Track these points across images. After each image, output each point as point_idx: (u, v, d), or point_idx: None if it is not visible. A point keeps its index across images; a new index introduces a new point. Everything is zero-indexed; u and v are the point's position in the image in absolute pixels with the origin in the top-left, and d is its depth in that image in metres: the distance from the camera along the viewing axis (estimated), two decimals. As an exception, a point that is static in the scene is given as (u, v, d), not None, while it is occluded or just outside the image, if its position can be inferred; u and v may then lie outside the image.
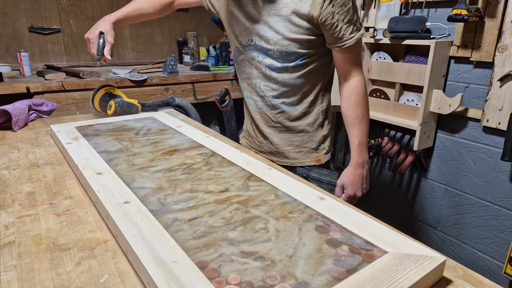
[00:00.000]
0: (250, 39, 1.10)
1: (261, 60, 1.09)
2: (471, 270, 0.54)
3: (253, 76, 1.13)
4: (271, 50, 1.06)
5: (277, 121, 1.14)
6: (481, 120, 1.60)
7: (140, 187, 0.72)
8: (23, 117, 1.21)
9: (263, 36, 1.06)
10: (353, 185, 1.08)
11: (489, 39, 1.52)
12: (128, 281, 0.50)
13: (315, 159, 1.15)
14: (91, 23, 2.68)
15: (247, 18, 1.09)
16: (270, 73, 1.09)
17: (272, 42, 1.04)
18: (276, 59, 1.06)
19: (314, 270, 0.49)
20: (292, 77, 1.07)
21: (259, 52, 1.09)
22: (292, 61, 1.05)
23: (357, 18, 1.00)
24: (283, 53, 1.04)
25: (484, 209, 1.70)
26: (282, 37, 1.02)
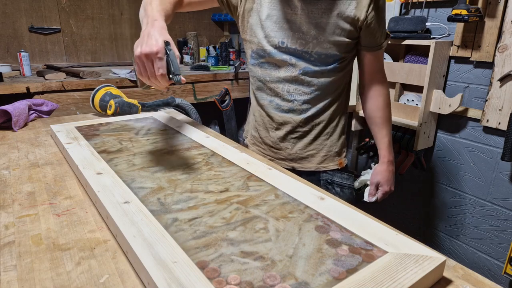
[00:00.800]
0: (281, 41, 1.01)
1: (294, 63, 1.02)
2: (471, 270, 0.54)
3: (280, 80, 1.06)
4: (308, 53, 1.00)
5: (304, 125, 1.09)
6: (481, 120, 1.60)
7: (140, 187, 0.72)
8: (23, 117, 1.21)
9: (299, 38, 0.99)
10: (388, 181, 1.15)
11: (489, 39, 1.52)
12: (128, 281, 0.50)
13: (338, 162, 1.13)
14: (91, 23, 2.69)
15: (280, 18, 1.00)
16: (304, 77, 1.03)
17: (311, 45, 0.99)
18: (312, 62, 1.01)
19: (314, 270, 0.49)
20: (327, 80, 1.04)
21: (292, 55, 1.02)
22: (329, 64, 1.02)
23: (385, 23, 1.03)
24: (322, 56, 1.00)
25: (484, 209, 1.70)
26: (324, 39, 0.98)
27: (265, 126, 1.14)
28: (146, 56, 0.72)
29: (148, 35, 0.75)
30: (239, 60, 2.85)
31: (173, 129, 1.13)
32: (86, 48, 2.73)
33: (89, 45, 2.74)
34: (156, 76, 0.73)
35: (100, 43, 2.77)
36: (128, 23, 2.86)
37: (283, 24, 1.00)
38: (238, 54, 3.04)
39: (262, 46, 1.04)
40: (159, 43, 0.73)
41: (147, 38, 0.74)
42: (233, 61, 2.94)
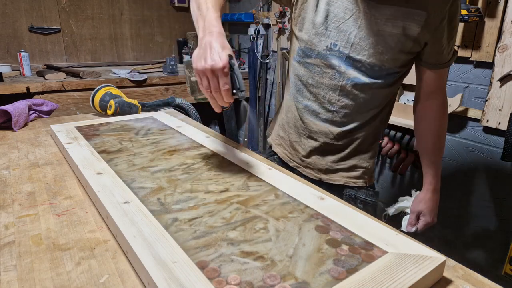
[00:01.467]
0: (333, 43, 0.89)
1: (343, 71, 0.90)
2: (471, 270, 0.54)
3: (323, 86, 0.94)
4: (360, 62, 0.88)
5: (340, 139, 0.99)
6: (481, 120, 1.60)
7: (140, 187, 0.72)
8: (23, 117, 1.21)
9: (355, 44, 0.87)
10: (432, 212, 1.02)
11: (489, 39, 1.52)
12: (128, 281, 0.50)
13: (367, 180, 1.05)
14: (91, 23, 2.70)
15: (337, 17, 0.88)
16: (351, 89, 0.91)
17: (367, 54, 0.87)
18: (363, 72, 0.90)
19: (314, 270, 0.49)
20: (375, 94, 0.93)
21: (342, 61, 0.90)
22: (381, 78, 0.90)
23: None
24: (376, 68, 0.88)
25: (484, 209, 1.70)
26: (383, 50, 0.86)
27: (297, 130, 1.04)
28: (211, 71, 0.69)
29: (211, 47, 0.70)
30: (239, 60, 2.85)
31: (173, 129, 1.13)
32: (86, 48, 2.73)
33: (89, 45, 2.74)
34: (221, 92, 0.71)
35: (100, 43, 2.77)
36: (128, 23, 2.86)
37: (339, 25, 0.87)
38: (238, 54, 3.04)
39: (311, 45, 0.92)
40: (223, 58, 0.69)
41: (210, 51, 0.70)
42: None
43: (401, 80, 0.97)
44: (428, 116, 0.97)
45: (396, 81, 0.95)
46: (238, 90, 0.72)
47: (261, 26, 2.73)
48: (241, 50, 3.09)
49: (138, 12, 2.88)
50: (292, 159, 1.08)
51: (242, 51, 3.07)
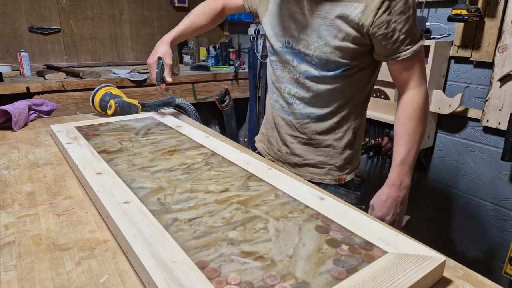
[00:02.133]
0: (287, 41, 0.99)
1: (296, 65, 0.99)
2: (471, 270, 0.54)
3: (283, 81, 1.03)
4: (310, 56, 0.95)
5: (303, 131, 1.03)
6: (481, 120, 1.60)
7: (140, 187, 0.72)
8: (23, 117, 1.21)
9: (303, 40, 0.95)
10: (381, 207, 0.93)
11: (489, 39, 1.52)
12: (128, 281, 0.50)
13: (337, 178, 1.05)
14: (91, 23, 2.70)
15: (286, 17, 0.98)
16: (304, 81, 0.98)
17: (313, 48, 0.94)
18: (313, 66, 0.96)
19: (314, 270, 0.49)
20: (328, 87, 0.97)
21: (295, 56, 0.98)
22: (331, 71, 0.94)
23: (416, 25, 0.87)
24: (323, 61, 0.94)
25: (484, 209, 1.70)
26: (325, 43, 0.91)
27: (271, 125, 1.12)
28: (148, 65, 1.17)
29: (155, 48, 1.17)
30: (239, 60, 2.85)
31: (173, 129, 1.13)
32: (86, 48, 2.73)
33: (89, 45, 2.74)
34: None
35: (100, 43, 2.77)
36: (128, 23, 2.86)
37: (290, 24, 0.98)
38: (238, 54, 3.04)
39: (272, 44, 1.04)
40: (154, 58, 1.15)
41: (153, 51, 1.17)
42: (233, 61, 2.94)
43: (360, 75, 0.97)
44: (401, 106, 0.94)
45: (352, 75, 0.96)
46: (157, 81, 1.15)
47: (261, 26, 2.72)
48: (241, 50, 3.08)
49: (138, 12, 2.88)
50: (269, 153, 1.15)
51: (242, 51, 3.07)
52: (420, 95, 0.92)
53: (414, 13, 0.86)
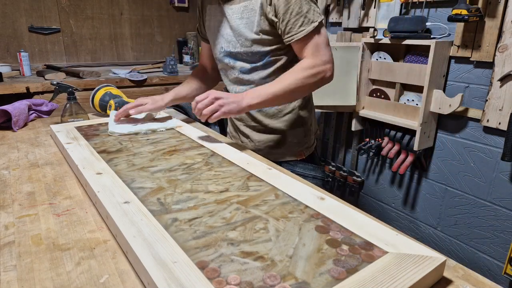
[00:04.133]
0: (221, 47, 1.12)
1: (232, 65, 1.12)
2: (471, 270, 0.54)
3: (229, 83, 1.17)
4: (239, 53, 1.08)
5: (254, 120, 1.16)
6: (481, 120, 1.60)
7: (140, 187, 0.72)
8: (23, 117, 1.21)
9: (231, 41, 1.08)
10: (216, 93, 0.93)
11: (489, 39, 1.52)
12: (128, 281, 0.50)
13: (297, 153, 1.17)
14: (91, 23, 2.70)
15: (215, 26, 1.12)
16: (243, 76, 1.11)
17: (238, 45, 1.06)
18: (245, 61, 1.09)
19: (314, 270, 0.49)
20: (262, 76, 1.09)
21: (229, 57, 1.11)
22: (260, 61, 1.07)
23: (309, 10, 0.96)
24: (249, 54, 1.06)
25: (484, 209, 1.70)
26: (244, 38, 1.04)
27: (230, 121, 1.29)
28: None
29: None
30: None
31: (173, 129, 1.13)
32: (86, 48, 2.73)
33: (89, 45, 2.74)
34: None
35: (100, 43, 2.77)
36: (128, 23, 2.86)
37: (219, 31, 1.11)
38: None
39: (214, 54, 1.18)
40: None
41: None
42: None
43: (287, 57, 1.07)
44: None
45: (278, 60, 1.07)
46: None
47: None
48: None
49: (138, 12, 2.88)
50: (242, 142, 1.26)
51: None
52: (310, 62, 0.98)
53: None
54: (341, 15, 2.19)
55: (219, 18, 1.11)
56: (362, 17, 2.06)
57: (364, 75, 2.01)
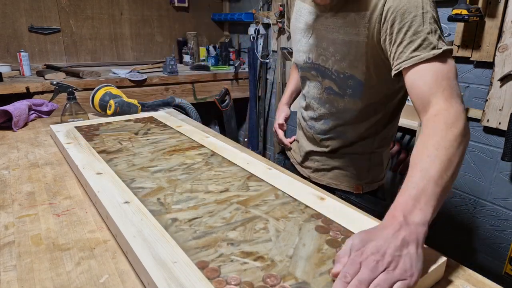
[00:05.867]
0: (308, 57, 0.95)
1: (320, 80, 0.95)
2: (471, 270, 0.54)
3: (309, 95, 1.00)
4: (329, 70, 0.90)
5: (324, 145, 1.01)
6: (481, 120, 1.60)
7: (140, 187, 0.72)
8: (23, 118, 1.21)
9: (322, 54, 0.91)
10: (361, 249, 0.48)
11: (489, 39, 1.52)
12: (128, 281, 0.50)
13: (354, 186, 1.00)
14: (91, 23, 2.70)
15: (306, 31, 0.94)
16: (328, 96, 0.94)
17: (331, 62, 0.89)
18: (334, 80, 0.90)
19: (314, 271, 0.49)
20: (349, 105, 0.91)
21: (317, 71, 0.94)
22: (351, 87, 0.88)
23: (432, 31, 0.70)
24: (341, 76, 0.88)
25: (484, 209, 1.69)
26: (341, 56, 0.85)
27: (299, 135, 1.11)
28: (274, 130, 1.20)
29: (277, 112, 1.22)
30: (239, 60, 2.85)
31: (173, 129, 1.13)
32: (86, 48, 2.73)
33: (89, 45, 2.73)
34: None
35: (100, 43, 2.77)
36: (128, 23, 2.86)
37: (309, 39, 0.93)
38: (238, 54, 3.03)
39: (296, 61, 1.01)
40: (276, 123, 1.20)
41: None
42: (233, 61, 2.94)
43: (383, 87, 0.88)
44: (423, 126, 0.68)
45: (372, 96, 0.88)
46: None
47: (261, 25, 2.72)
48: (241, 50, 3.08)
49: (138, 12, 2.88)
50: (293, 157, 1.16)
51: (242, 51, 3.07)
52: (450, 111, 0.66)
53: (427, 12, 0.71)
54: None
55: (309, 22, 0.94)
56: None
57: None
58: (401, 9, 0.72)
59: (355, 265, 0.45)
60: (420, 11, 0.71)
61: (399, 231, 0.49)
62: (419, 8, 0.71)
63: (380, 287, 0.43)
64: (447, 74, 0.69)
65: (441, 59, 0.70)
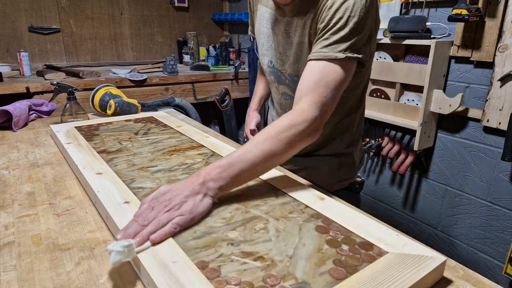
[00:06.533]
0: (270, 61, 0.96)
1: (277, 86, 0.98)
2: (471, 270, 0.54)
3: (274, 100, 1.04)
4: (284, 75, 0.92)
5: None
6: (481, 120, 1.60)
7: (140, 187, 0.72)
8: (23, 118, 1.21)
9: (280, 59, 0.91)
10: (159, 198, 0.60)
11: (489, 39, 1.52)
12: (128, 281, 0.50)
13: (326, 184, 0.99)
14: (91, 23, 2.70)
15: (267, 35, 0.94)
16: (285, 101, 0.97)
17: (287, 66, 0.90)
18: (288, 85, 0.93)
19: (314, 270, 0.49)
20: None
21: (275, 76, 0.96)
22: None
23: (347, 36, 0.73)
24: (295, 78, 0.89)
25: (484, 209, 1.69)
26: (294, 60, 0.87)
27: None
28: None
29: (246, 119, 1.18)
30: (239, 60, 2.85)
31: (173, 129, 1.13)
32: (86, 48, 2.73)
33: (89, 45, 2.74)
34: None
35: (100, 43, 2.77)
36: (128, 23, 2.86)
37: (271, 43, 0.94)
38: (238, 54, 3.03)
39: (262, 65, 1.02)
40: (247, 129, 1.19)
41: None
42: (233, 61, 2.94)
43: None
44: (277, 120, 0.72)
45: None
46: None
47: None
48: (241, 50, 3.08)
49: (138, 12, 2.88)
50: None
51: (242, 51, 3.07)
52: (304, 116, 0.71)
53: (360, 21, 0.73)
54: (341, 15, 2.18)
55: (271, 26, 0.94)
56: (362, 17, 2.06)
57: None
58: (332, 9, 0.74)
59: (149, 208, 0.57)
60: (348, 14, 0.73)
61: (193, 186, 0.61)
62: (348, 11, 0.73)
63: (160, 221, 0.55)
64: (329, 82, 0.74)
65: (337, 66, 0.73)
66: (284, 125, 0.69)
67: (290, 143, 0.68)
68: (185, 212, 0.58)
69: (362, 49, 0.76)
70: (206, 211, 0.61)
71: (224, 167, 0.64)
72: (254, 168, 0.66)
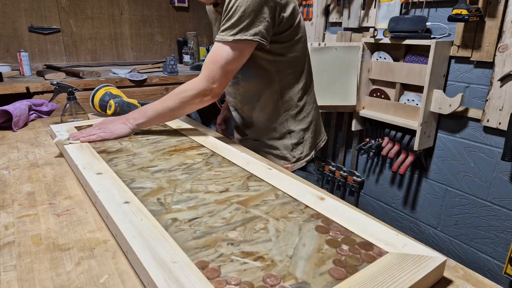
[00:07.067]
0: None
1: None
2: (471, 270, 0.54)
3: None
4: None
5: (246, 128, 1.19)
6: (481, 120, 1.60)
7: (140, 187, 0.72)
8: (23, 118, 1.21)
9: None
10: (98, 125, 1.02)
11: (489, 39, 1.52)
12: (128, 281, 0.50)
13: (284, 167, 1.10)
14: (91, 23, 2.70)
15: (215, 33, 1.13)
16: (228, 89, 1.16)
17: None
18: None
19: (314, 270, 0.49)
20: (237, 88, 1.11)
21: None
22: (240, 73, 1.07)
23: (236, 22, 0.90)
24: None
25: (484, 209, 1.69)
26: None
27: None
28: None
29: None
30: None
31: (173, 129, 1.13)
32: (86, 48, 2.73)
33: (89, 45, 2.73)
34: None
35: (100, 43, 2.77)
36: (128, 23, 2.85)
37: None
38: (238, 54, 3.03)
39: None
40: None
41: None
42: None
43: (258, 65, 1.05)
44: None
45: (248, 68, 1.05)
46: None
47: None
48: (241, 50, 3.08)
49: (138, 12, 2.88)
50: None
51: (242, 51, 3.06)
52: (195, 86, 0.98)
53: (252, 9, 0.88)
54: (341, 15, 2.19)
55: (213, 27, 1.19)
56: (362, 17, 2.06)
57: (364, 75, 2.01)
58: (228, 1, 0.91)
59: (89, 131, 0.99)
60: (236, 3, 0.89)
61: (119, 120, 1.03)
62: (237, 1, 0.89)
63: (90, 132, 0.98)
64: (217, 60, 0.95)
65: (226, 46, 0.93)
66: (180, 89, 1.00)
67: (181, 103, 0.99)
68: (107, 131, 0.99)
69: (257, 32, 0.91)
70: (122, 134, 1.01)
71: (141, 112, 1.02)
72: (160, 115, 1.01)
